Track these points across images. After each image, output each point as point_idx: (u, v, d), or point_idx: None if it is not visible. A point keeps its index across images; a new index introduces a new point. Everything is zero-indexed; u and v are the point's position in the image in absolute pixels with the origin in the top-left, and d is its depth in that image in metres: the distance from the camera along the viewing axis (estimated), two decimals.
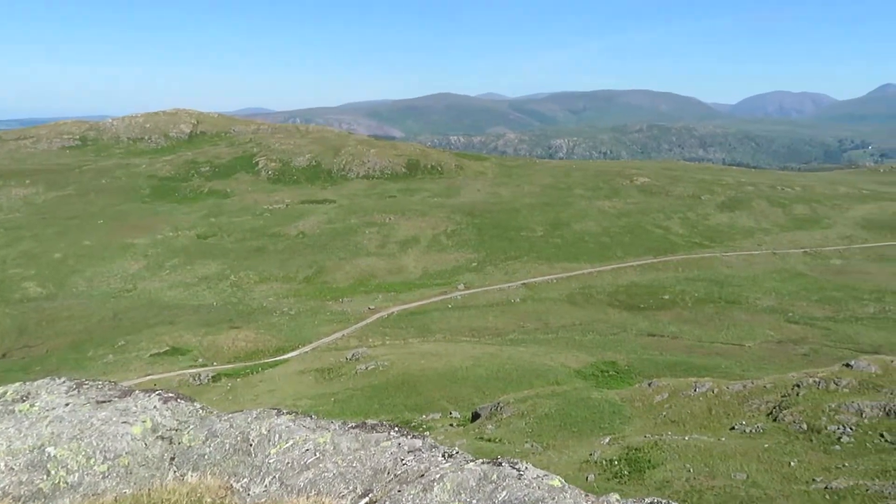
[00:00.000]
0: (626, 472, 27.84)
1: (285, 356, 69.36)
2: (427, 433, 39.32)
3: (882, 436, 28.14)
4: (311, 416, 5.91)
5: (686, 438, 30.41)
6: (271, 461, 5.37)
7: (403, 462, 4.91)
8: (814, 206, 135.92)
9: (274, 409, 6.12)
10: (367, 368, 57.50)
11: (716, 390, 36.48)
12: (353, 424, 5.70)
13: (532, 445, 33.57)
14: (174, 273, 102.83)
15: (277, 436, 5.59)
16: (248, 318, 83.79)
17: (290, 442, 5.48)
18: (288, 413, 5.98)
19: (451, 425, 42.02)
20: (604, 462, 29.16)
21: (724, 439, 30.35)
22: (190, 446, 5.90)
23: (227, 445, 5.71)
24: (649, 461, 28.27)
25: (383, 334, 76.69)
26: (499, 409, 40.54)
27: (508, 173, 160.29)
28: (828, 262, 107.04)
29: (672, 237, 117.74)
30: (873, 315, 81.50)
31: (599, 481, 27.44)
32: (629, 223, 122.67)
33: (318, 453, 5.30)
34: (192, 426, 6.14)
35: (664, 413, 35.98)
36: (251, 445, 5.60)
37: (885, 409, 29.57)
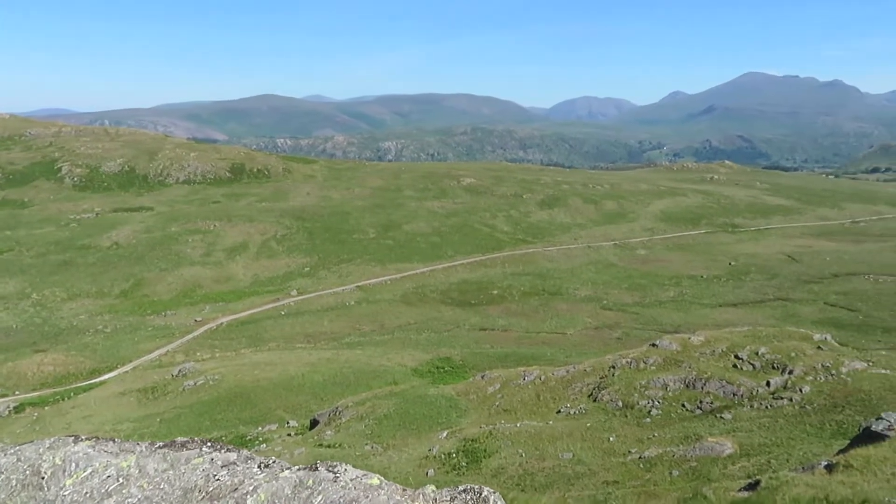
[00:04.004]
0: (464, 464, 28.64)
1: (102, 378, 63.79)
2: (264, 445, 37.95)
3: (683, 406, 31.44)
4: (113, 440, 5.37)
5: (518, 425, 31.93)
6: (66, 493, 4.81)
7: (216, 478, 4.61)
8: (621, 202, 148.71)
9: (71, 436, 5.49)
10: (195, 384, 54.43)
11: (543, 377, 38.66)
12: (161, 444, 5.26)
13: (372, 447, 33.51)
14: None
15: (74, 465, 5.03)
16: (55, 340, 76.02)
17: (89, 470, 4.94)
18: (87, 439, 5.38)
19: (290, 435, 40.91)
20: (442, 456, 29.79)
21: (551, 423, 32.24)
22: None
23: (14, 481, 5.04)
24: (485, 450, 29.32)
25: (213, 347, 72.96)
26: (337, 413, 40.07)
27: (338, 176, 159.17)
28: (634, 252, 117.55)
29: (498, 235, 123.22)
30: (673, 298, 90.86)
31: (439, 475, 27.99)
32: (458, 222, 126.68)
33: (121, 479, 4.83)
34: None
35: (497, 403, 37.52)
36: (43, 479, 4.98)
37: (684, 381, 33.06)
